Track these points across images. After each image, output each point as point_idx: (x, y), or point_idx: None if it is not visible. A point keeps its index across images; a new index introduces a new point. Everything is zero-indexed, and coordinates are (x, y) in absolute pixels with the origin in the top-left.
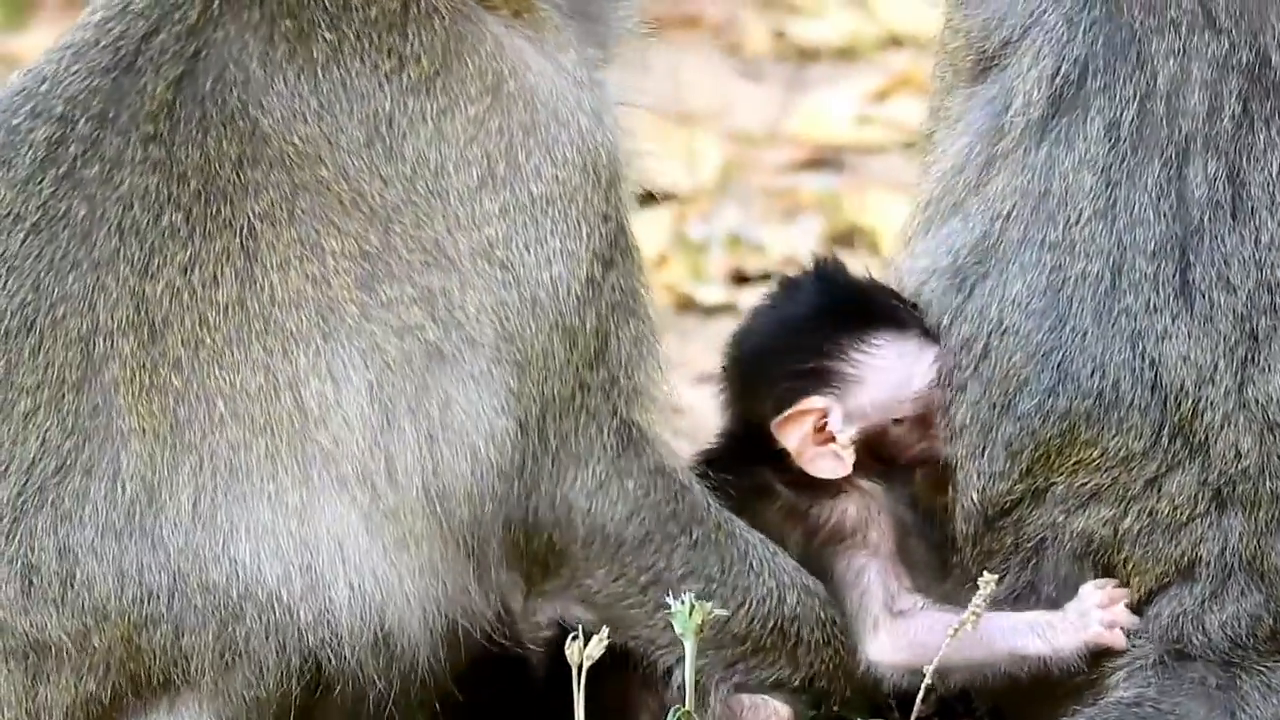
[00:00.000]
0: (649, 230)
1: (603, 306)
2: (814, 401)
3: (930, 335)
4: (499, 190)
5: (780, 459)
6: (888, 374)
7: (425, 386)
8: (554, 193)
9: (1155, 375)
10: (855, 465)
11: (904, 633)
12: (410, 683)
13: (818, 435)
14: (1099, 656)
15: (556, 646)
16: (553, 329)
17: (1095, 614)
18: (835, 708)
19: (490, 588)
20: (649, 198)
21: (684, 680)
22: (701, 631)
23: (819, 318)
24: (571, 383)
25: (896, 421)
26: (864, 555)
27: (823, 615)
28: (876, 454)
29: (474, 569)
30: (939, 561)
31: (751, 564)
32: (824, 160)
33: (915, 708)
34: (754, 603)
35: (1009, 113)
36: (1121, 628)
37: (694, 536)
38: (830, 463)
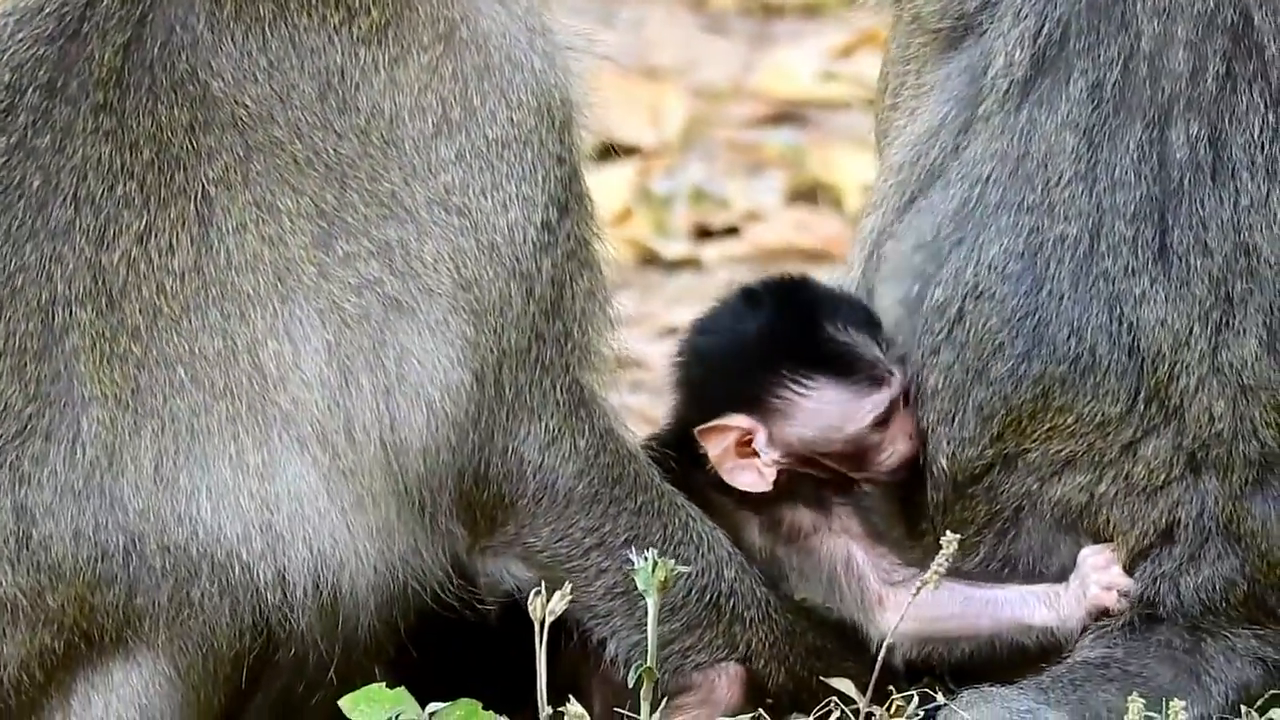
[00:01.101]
0: (612, 184)
1: (558, 255)
2: (740, 420)
3: (878, 375)
4: (454, 136)
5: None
6: (819, 416)
7: (382, 341)
8: (509, 136)
9: (1133, 339)
10: (790, 482)
11: (906, 602)
12: (353, 645)
13: (742, 449)
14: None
15: (512, 613)
16: (510, 276)
17: (1092, 578)
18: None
19: (440, 544)
20: (612, 152)
21: (620, 651)
22: (665, 588)
23: (764, 343)
24: (528, 334)
25: (824, 455)
26: (835, 541)
27: (758, 593)
28: (808, 475)
29: (425, 526)
30: (906, 531)
31: (692, 535)
32: (788, 116)
33: (877, 664)
34: (693, 574)
35: (989, 75)
36: (1118, 590)
37: (639, 502)
38: (752, 477)
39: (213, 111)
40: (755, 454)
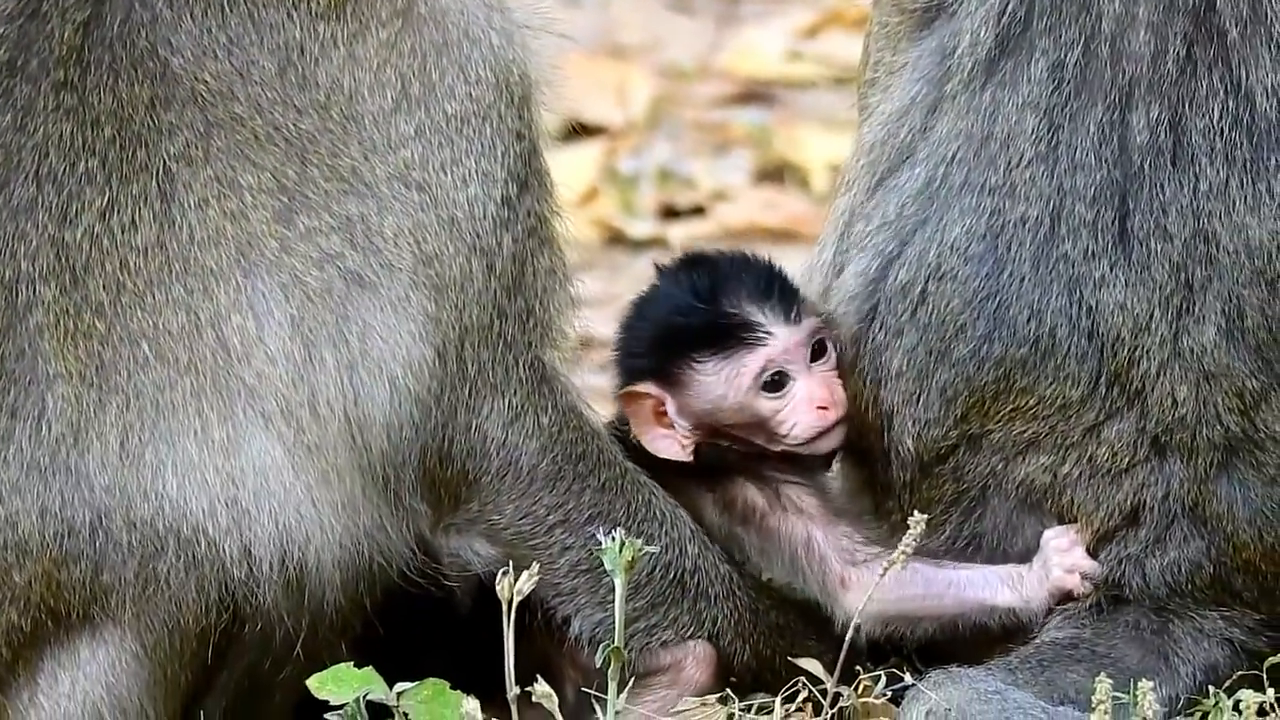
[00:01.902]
0: (579, 164)
1: (519, 231)
2: (650, 388)
3: (753, 339)
4: (414, 111)
5: None
6: (706, 388)
7: (345, 316)
8: (468, 111)
9: (1092, 323)
10: (734, 460)
11: (872, 582)
12: (319, 621)
13: (660, 417)
14: (1068, 600)
15: (481, 596)
16: (470, 251)
17: (1055, 560)
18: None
19: (404, 521)
20: (579, 131)
21: (584, 630)
22: (632, 568)
23: (661, 318)
24: (490, 310)
25: (729, 427)
26: (793, 523)
27: (721, 570)
28: (732, 450)
29: (389, 502)
30: (872, 507)
31: (655, 513)
32: (754, 95)
33: (845, 644)
34: (656, 552)
35: (956, 55)
36: (1082, 573)
37: (602, 479)
38: (672, 446)
39: (173, 88)
40: (673, 425)
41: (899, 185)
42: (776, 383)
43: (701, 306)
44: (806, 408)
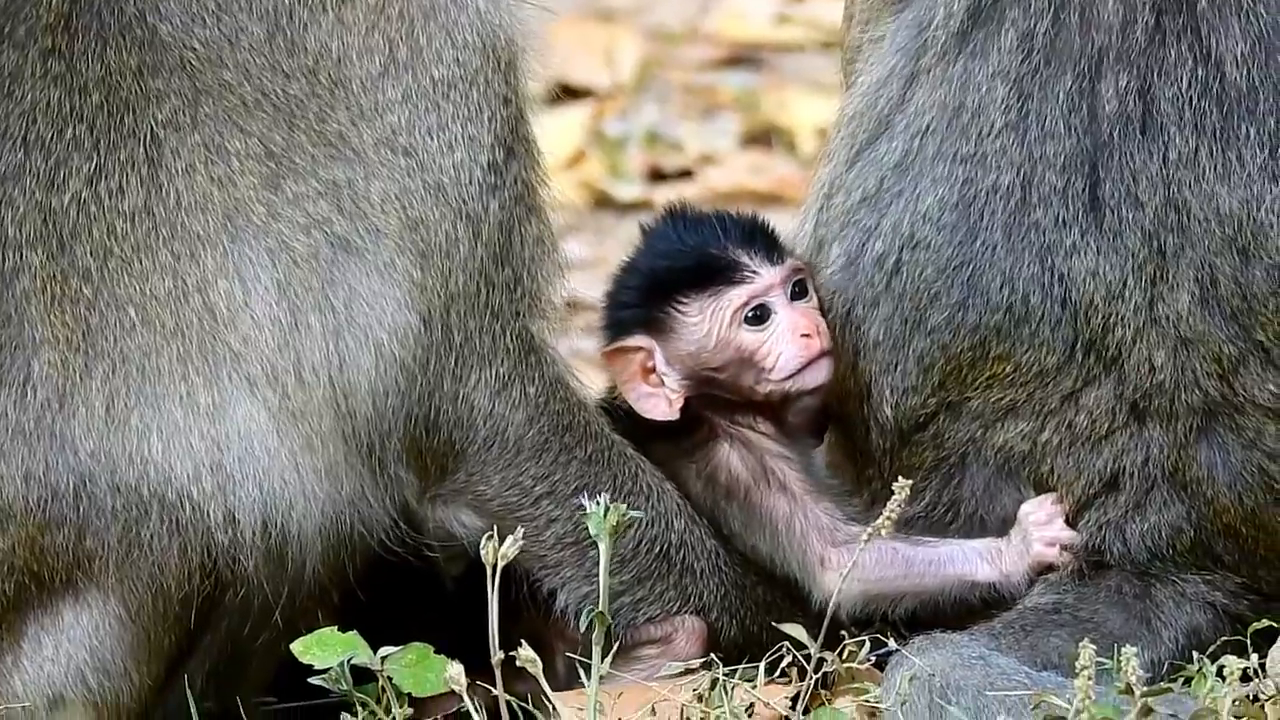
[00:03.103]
0: (566, 127)
1: (506, 198)
2: (637, 340)
3: (735, 276)
4: (400, 76)
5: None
6: (692, 329)
7: (331, 281)
8: (455, 76)
9: (1065, 290)
10: (718, 408)
11: (849, 564)
12: (299, 588)
13: (648, 375)
14: (1048, 571)
15: (468, 569)
16: (457, 217)
17: (1035, 534)
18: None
19: (387, 490)
20: (566, 94)
21: (571, 602)
22: (617, 534)
23: (646, 270)
24: (477, 278)
25: (716, 370)
26: (777, 499)
27: (708, 544)
28: (721, 401)
29: (373, 470)
30: (854, 478)
31: (641, 486)
32: (743, 59)
33: (829, 609)
34: (642, 525)
35: (931, 28)
36: (1062, 545)
37: (589, 451)
38: (661, 405)
39: (161, 54)
40: (660, 381)
41: (878, 158)
42: (759, 317)
43: (685, 249)
44: (790, 337)
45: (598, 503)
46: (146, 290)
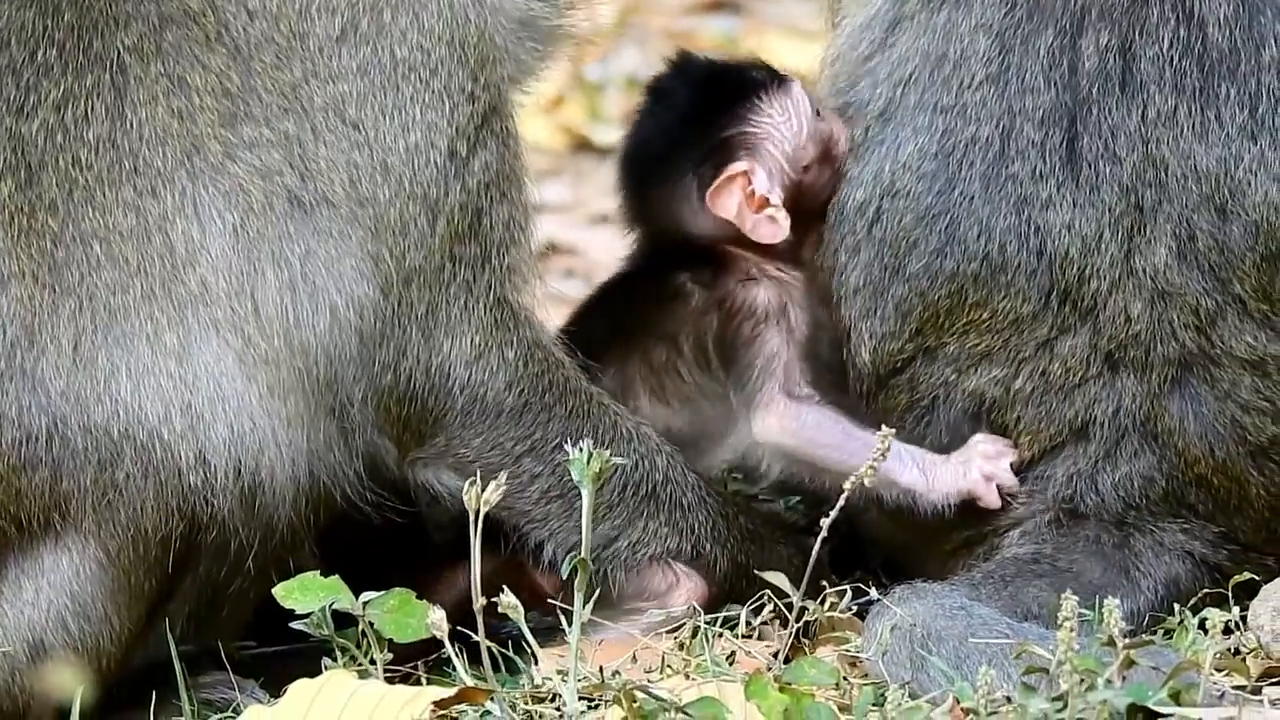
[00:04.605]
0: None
1: (472, 184)
2: (738, 165)
3: (780, 77)
4: (359, 46)
5: (694, 257)
6: (780, 129)
7: (287, 234)
8: (416, 60)
9: (1041, 241)
10: (766, 250)
11: (794, 417)
12: (271, 536)
13: (750, 201)
14: (974, 510)
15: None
16: (409, 198)
17: (976, 463)
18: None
19: (357, 451)
20: None
21: (559, 553)
22: (599, 480)
23: (705, 100)
24: (438, 255)
25: (805, 169)
26: (774, 336)
27: (690, 478)
28: (798, 215)
29: (337, 429)
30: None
31: (622, 432)
32: (723, 4)
33: (811, 559)
34: (626, 468)
35: None
36: (1000, 486)
37: (569, 406)
38: (770, 227)
39: None
40: (763, 202)
41: (861, 105)
42: (817, 111)
43: (729, 70)
44: (838, 122)
45: (580, 449)
46: (110, 225)
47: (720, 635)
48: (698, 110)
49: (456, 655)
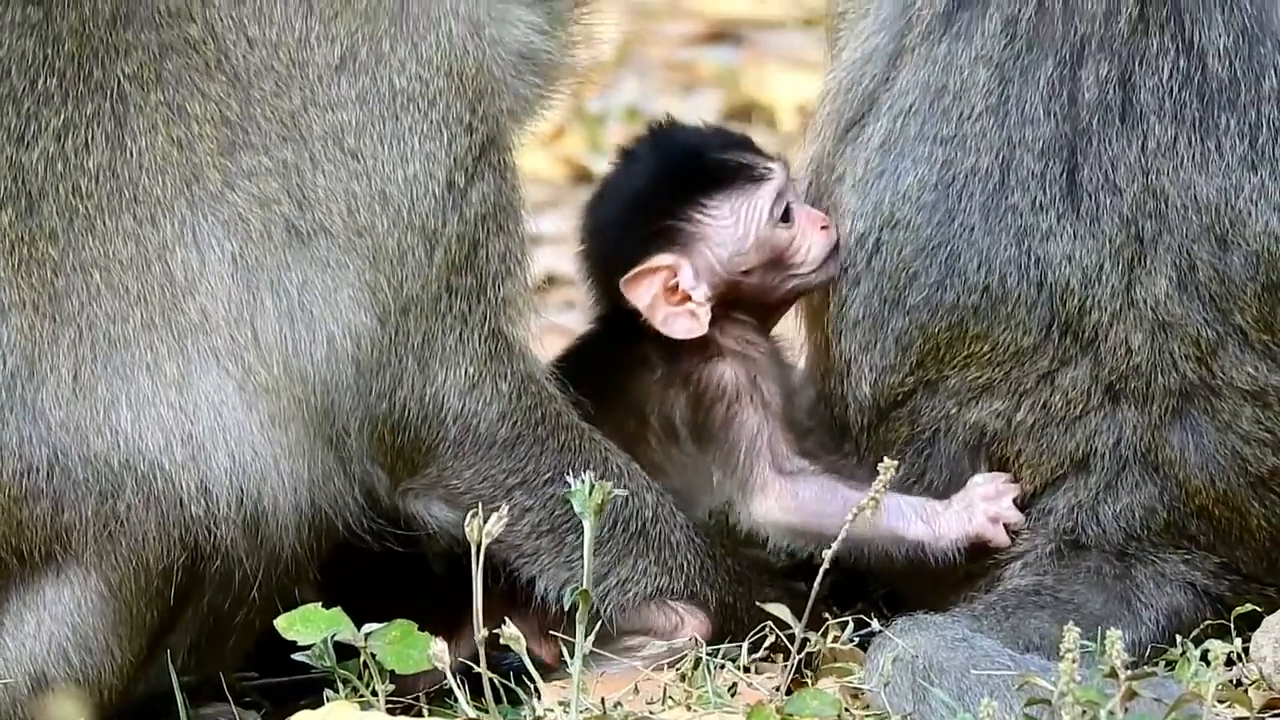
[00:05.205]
0: None
1: (469, 215)
2: (661, 259)
3: (758, 174)
4: (358, 75)
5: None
6: (724, 231)
7: (285, 264)
8: (415, 90)
9: (1041, 273)
10: (724, 324)
11: (792, 495)
12: (275, 566)
13: (671, 295)
14: (983, 550)
15: (451, 558)
16: (408, 228)
17: (980, 506)
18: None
19: (357, 481)
20: None
21: (551, 589)
22: (601, 511)
23: (656, 183)
24: (435, 285)
25: (746, 272)
26: (751, 415)
27: (679, 518)
28: (743, 306)
29: (341, 460)
30: (828, 434)
31: (612, 468)
32: (723, 34)
33: (813, 591)
34: (616, 504)
35: (916, 6)
36: (1006, 524)
37: (560, 441)
38: (686, 322)
39: (134, 5)
40: (685, 297)
41: (865, 139)
42: (786, 213)
43: (698, 155)
44: (813, 229)
45: (582, 480)
46: (110, 254)
47: (722, 667)
48: (651, 189)
49: (458, 686)
